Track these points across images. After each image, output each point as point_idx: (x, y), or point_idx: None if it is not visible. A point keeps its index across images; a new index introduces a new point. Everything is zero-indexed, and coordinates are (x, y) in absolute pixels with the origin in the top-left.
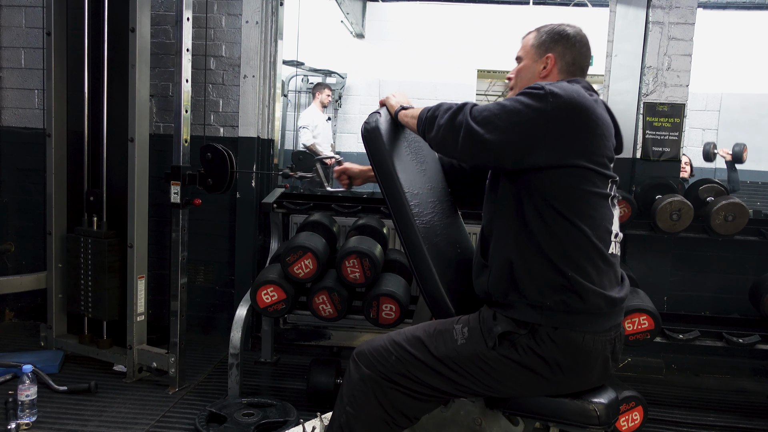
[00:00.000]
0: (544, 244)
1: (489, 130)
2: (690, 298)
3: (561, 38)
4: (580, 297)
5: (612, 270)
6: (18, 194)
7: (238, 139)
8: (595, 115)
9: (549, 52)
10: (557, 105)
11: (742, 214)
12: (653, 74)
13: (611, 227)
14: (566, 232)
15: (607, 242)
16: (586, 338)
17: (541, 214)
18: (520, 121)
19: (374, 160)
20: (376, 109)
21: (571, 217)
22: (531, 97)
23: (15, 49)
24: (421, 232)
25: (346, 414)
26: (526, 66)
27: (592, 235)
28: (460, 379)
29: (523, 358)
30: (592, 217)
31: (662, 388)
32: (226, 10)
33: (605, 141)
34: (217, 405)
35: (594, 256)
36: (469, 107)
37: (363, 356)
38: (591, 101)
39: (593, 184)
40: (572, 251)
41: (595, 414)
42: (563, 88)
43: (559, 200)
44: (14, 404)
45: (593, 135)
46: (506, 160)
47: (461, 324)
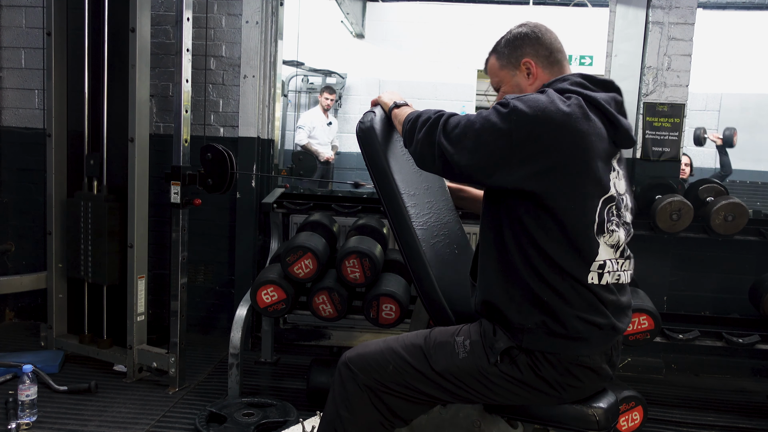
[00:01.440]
0: (520, 265)
1: (458, 150)
2: (690, 298)
3: (523, 40)
4: (559, 321)
5: (597, 299)
6: (18, 194)
7: (238, 139)
8: (567, 126)
9: (523, 58)
10: (521, 123)
11: (742, 214)
12: (653, 74)
13: (593, 256)
14: (539, 257)
15: (584, 272)
16: (580, 359)
17: (516, 238)
18: (486, 141)
19: (369, 160)
20: (370, 108)
21: (541, 242)
22: (497, 114)
23: (15, 49)
24: (418, 234)
25: (341, 417)
26: (510, 85)
27: (563, 263)
28: (460, 392)
29: (525, 376)
30: (565, 245)
31: (662, 388)
32: (226, 10)
33: (583, 155)
34: (217, 405)
35: (571, 284)
36: (443, 122)
37: (357, 363)
38: (562, 112)
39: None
40: (547, 276)
41: (594, 419)
42: (531, 102)
43: (534, 224)
44: (14, 404)
45: (566, 150)
46: (478, 179)
47: (462, 336)
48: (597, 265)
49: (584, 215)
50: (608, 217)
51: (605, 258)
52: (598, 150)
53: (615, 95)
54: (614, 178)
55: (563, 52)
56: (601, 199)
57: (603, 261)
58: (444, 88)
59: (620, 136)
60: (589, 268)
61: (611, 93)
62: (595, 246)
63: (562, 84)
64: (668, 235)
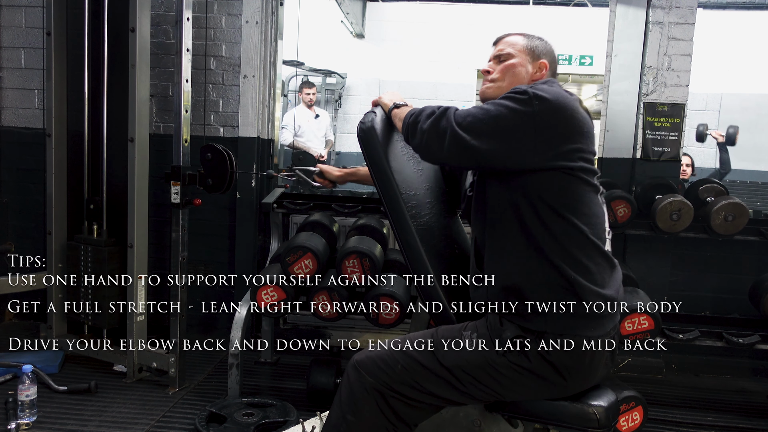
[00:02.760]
0: (545, 246)
1: (475, 136)
2: (690, 298)
3: (546, 48)
4: (582, 300)
5: (611, 267)
6: (18, 194)
7: (238, 139)
8: (579, 114)
9: (542, 59)
10: (543, 108)
11: (742, 214)
12: (653, 74)
13: (605, 224)
14: (566, 232)
15: (603, 239)
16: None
17: (539, 216)
18: (508, 126)
19: (370, 161)
20: (371, 109)
21: (569, 216)
22: (516, 101)
23: (15, 49)
24: (418, 234)
25: (347, 422)
26: (520, 64)
27: (590, 233)
28: (468, 387)
29: (534, 365)
30: (588, 215)
31: (662, 388)
32: (226, 10)
33: (591, 138)
34: (217, 405)
35: (594, 255)
36: (452, 112)
37: (366, 365)
38: (573, 101)
39: (586, 182)
40: (574, 251)
41: (594, 417)
42: (547, 90)
43: (556, 200)
44: (14, 404)
45: (580, 134)
46: (497, 164)
47: (469, 330)
48: (607, 232)
49: (594, 185)
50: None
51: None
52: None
53: None
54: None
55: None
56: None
57: (608, 230)
58: (444, 88)
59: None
60: (605, 236)
61: None
62: (603, 214)
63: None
64: (668, 235)
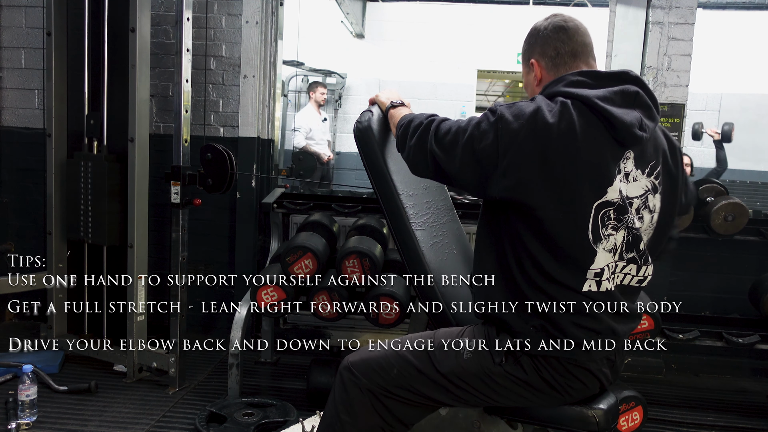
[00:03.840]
0: (517, 274)
1: (449, 160)
2: (690, 298)
3: (534, 38)
4: (557, 327)
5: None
6: (18, 194)
7: (238, 139)
8: (549, 136)
9: (531, 58)
10: (505, 132)
11: (742, 214)
12: (653, 74)
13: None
14: (534, 268)
15: (580, 281)
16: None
17: (512, 244)
18: (474, 149)
19: (367, 161)
20: (368, 108)
21: (535, 252)
22: (486, 122)
23: (15, 49)
24: (417, 235)
25: (341, 421)
26: (525, 82)
27: (556, 274)
28: (464, 394)
29: (529, 377)
30: (559, 255)
31: (662, 388)
32: (226, 10)
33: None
34: (217, 405)
35: (566, 294)
36: (434, 127)
37: (360, 366)
38: (545, 122)
39: (556, 218)
40: (542, 285)
41: (594, 420)
42: (516, 111)
43: (525, 234)
44: (14, 404)
45: (549, 159)
46: (467, 190)
47: (467, 338)
48: (593, 273)
49: (575, 224)
50: (603, 222)
51: (603, 264)
52: (589, 154)
53: (625, 87)
54: (620, 181)
55: (579, 55)
56: (594, 204)
57: (600, 269)
58: (444, 88)
59: (620, 133)
60: (585, 277)
61: (620, 86)
62: (591, 254)
63: (556, 87)
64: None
